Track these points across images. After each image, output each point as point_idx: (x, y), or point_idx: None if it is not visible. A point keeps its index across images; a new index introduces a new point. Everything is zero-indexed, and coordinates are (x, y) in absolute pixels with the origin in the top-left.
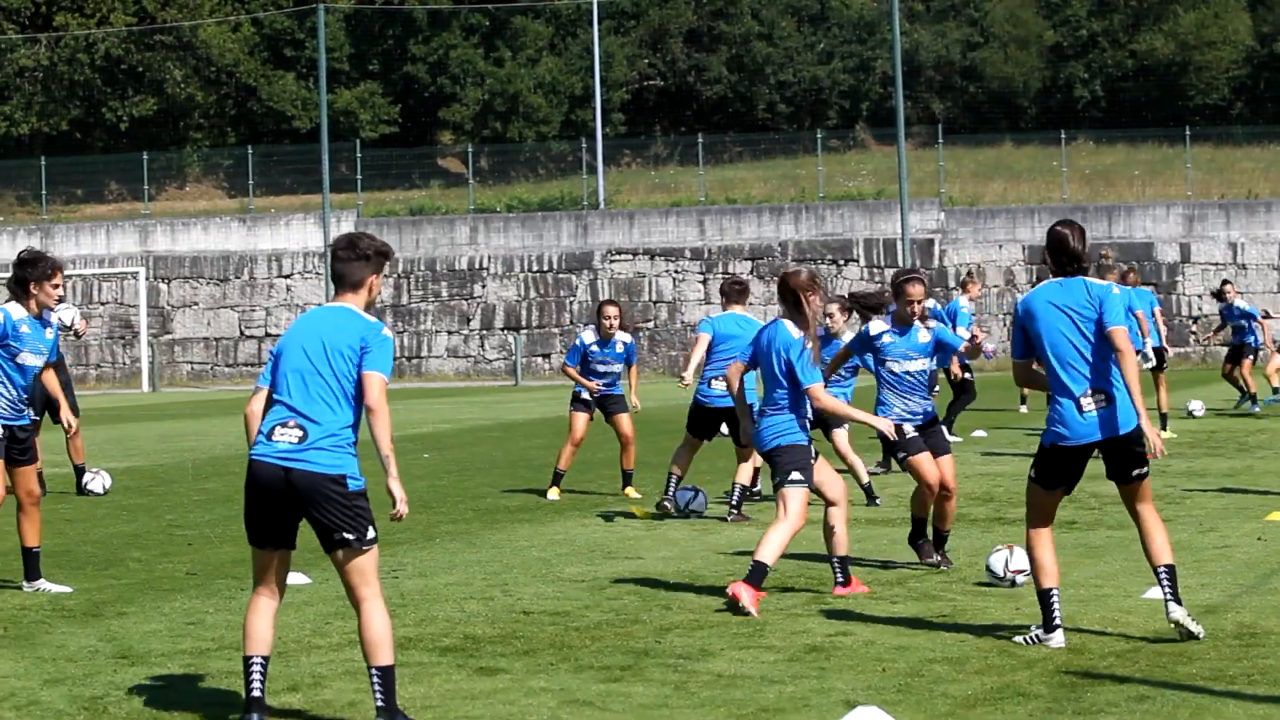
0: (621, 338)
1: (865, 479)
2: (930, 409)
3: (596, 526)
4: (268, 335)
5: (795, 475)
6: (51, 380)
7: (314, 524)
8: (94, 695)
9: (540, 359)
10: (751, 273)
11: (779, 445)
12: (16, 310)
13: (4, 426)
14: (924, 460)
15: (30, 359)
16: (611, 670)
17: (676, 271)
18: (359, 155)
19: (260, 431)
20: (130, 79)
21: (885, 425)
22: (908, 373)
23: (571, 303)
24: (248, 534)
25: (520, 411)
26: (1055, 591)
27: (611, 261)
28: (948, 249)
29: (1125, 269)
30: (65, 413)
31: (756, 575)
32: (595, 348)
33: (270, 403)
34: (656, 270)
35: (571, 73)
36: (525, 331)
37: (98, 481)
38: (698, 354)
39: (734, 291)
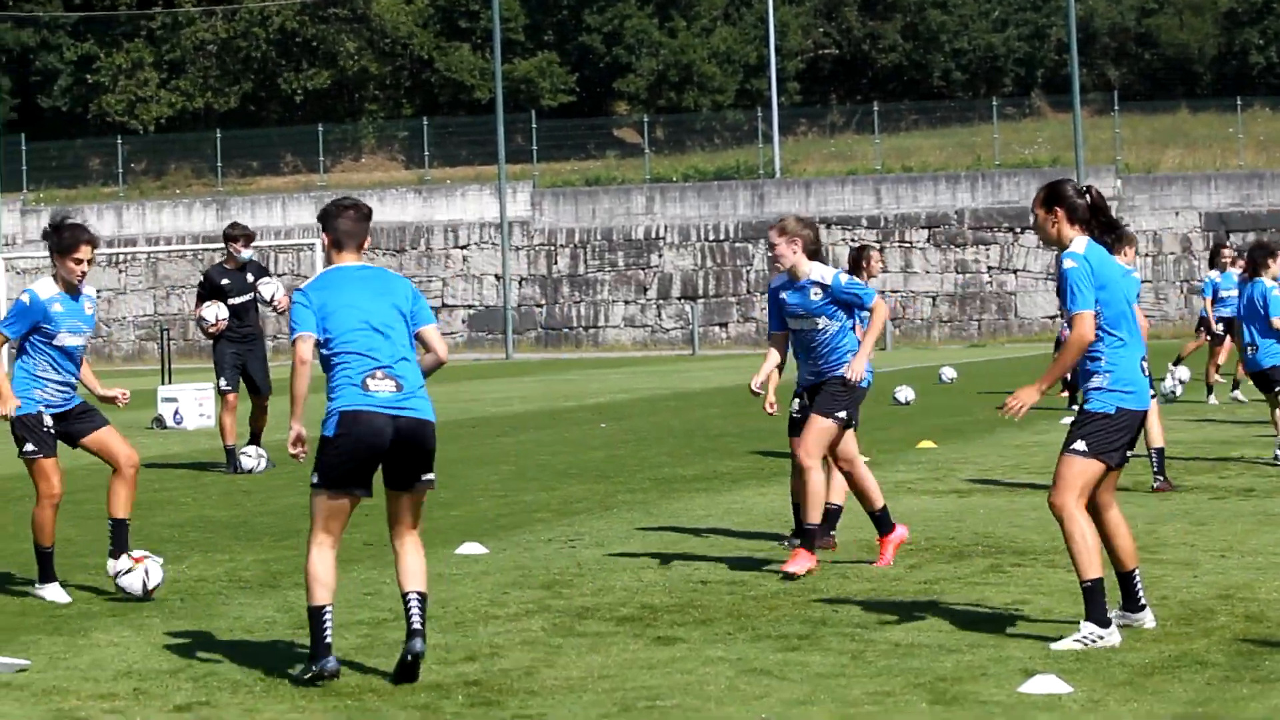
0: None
1: None
2: None
3: (774, 495)
4: (444, 306)
5: None
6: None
7: (403, 466)
8: (271, 665)
9: (717, 328)
10: (928, 241)
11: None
12: (46, 288)
13: (55, 415)
14: None
15: (70, 339)
16: (789, 639)
17: (853, 240)
18: (534, 126)
19: (348, 383)
20: (304, 52)
21: None
22: None
23: (748, 272)
24: (336, 483)
25: (697, 381)
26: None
27: None
28: (1124, 216)
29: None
30: (101, 388)
31: None
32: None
33: (338, 356)
34: (833, 239)
35: (746, 42)
36: (702, 301)
37: (251, 461)
38: None
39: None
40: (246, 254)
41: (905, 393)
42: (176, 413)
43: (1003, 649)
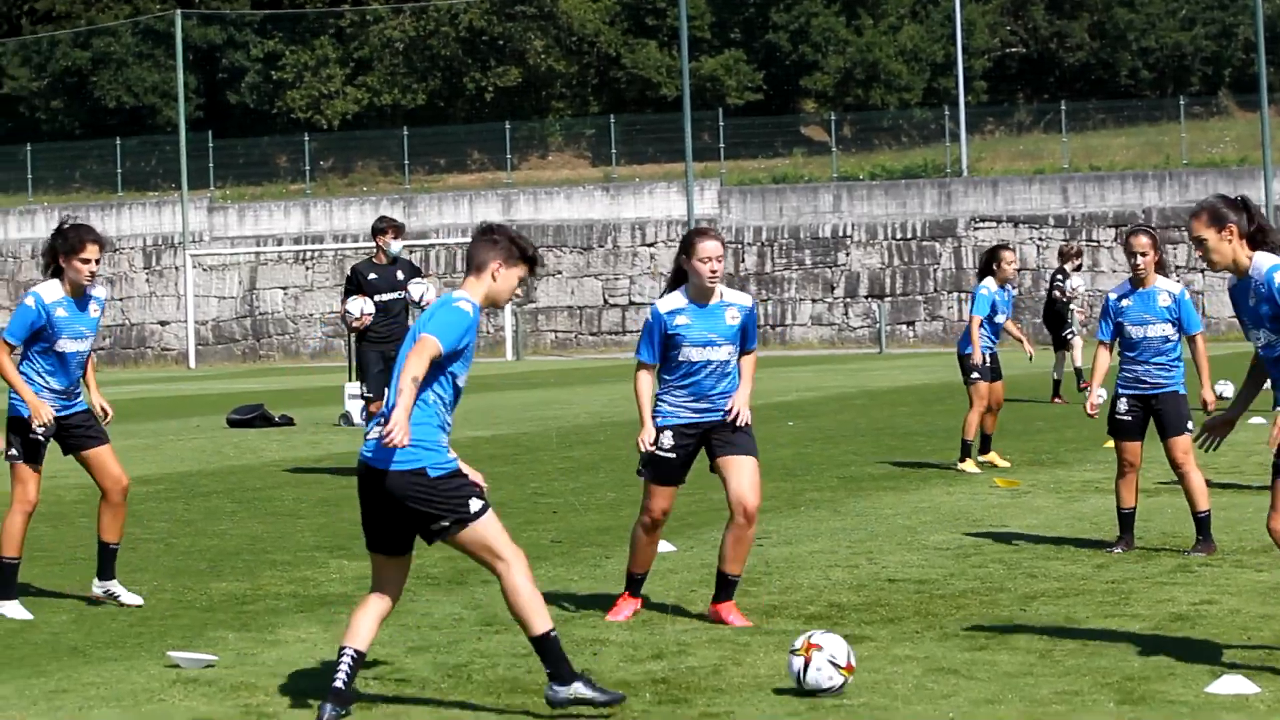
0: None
1: None
2: None
3: (961, 494)
4: (631, 304)
5: None
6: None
7: (410, 521)
8: (458, 663)
9: (904, 326)
10: (1115, 240)
11: None
12: (51, 291)
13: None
14: None
15: (71, 345)
16: (977, 638)
17: (1040, 239)
18: (721, 124)
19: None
20: (492, 50)
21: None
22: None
23: (935, 270)
24: (367, 536)
25: (885, 379)
26: None
27: (975, 229)
28: None
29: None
30: (97, 398)
31: None
32: (999, 296)
33: None
34: (1020, 237)
35: (933, 40)
36: (889, 299)
37: None
38: None
39: None
40: (396, 247)
41: (1226, 388)
42: (364, 409)
43: (1190, 649)
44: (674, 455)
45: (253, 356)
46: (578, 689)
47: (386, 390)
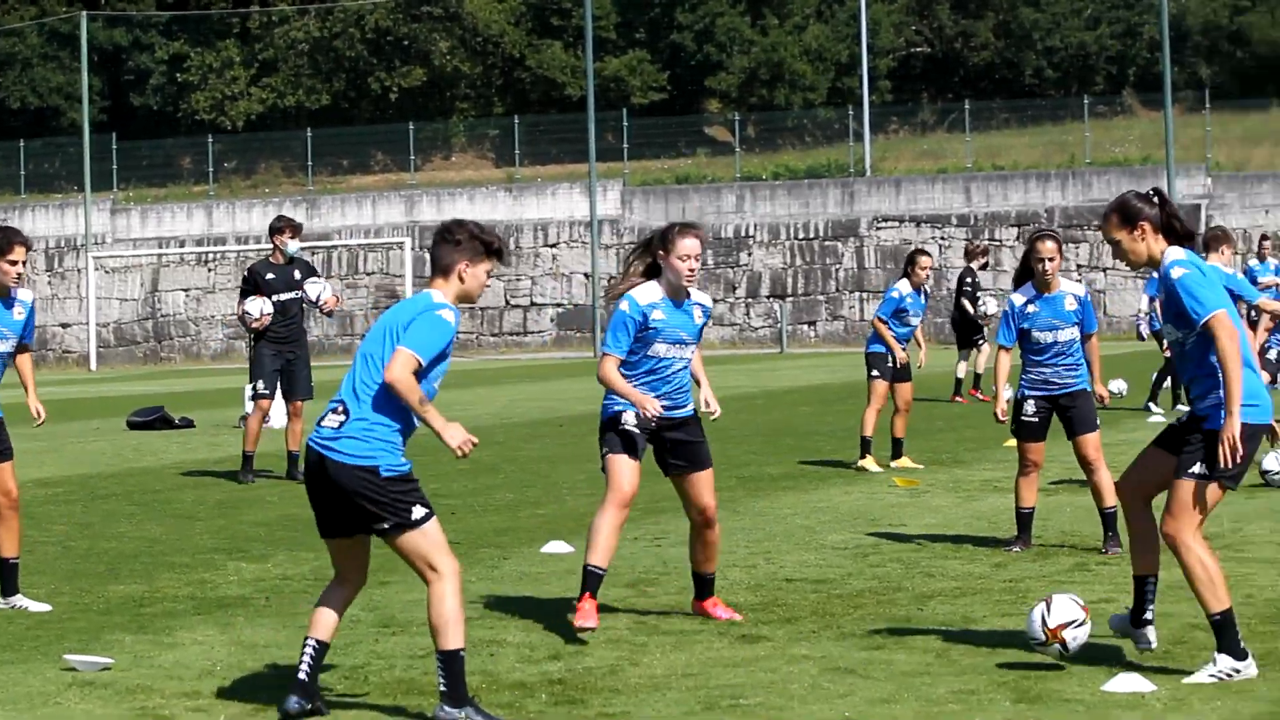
0: (925, 289)
1: None
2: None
3: (860, 494)
4: (533, 304)
5: None
6: (24, 364)
7: (332, 509)
8: (355, 664)
9: (806, 326)
10: (1018, 239)
11: None
12: None
13: None
14: None
15: None
16: (873, 638)
17: (943, 238)
18: (626, 124)
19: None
20: (397, 51)
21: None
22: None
23: (838, 270)
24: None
25: (786, 379)
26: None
27: (878, 229)
28: (1215, 214)
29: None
30: (33, 400)
31: None
32: (910, 299)
33: None
34: (923, 237)
35: (838, 40)
36: (791, 299)
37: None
38: None
39: None
40: (293, 247)
41: (1119, 385)
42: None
43: (1087, 648)
44: (638, 430)
45: (154, 358)
46: (469, 714)
47: (298, 384)
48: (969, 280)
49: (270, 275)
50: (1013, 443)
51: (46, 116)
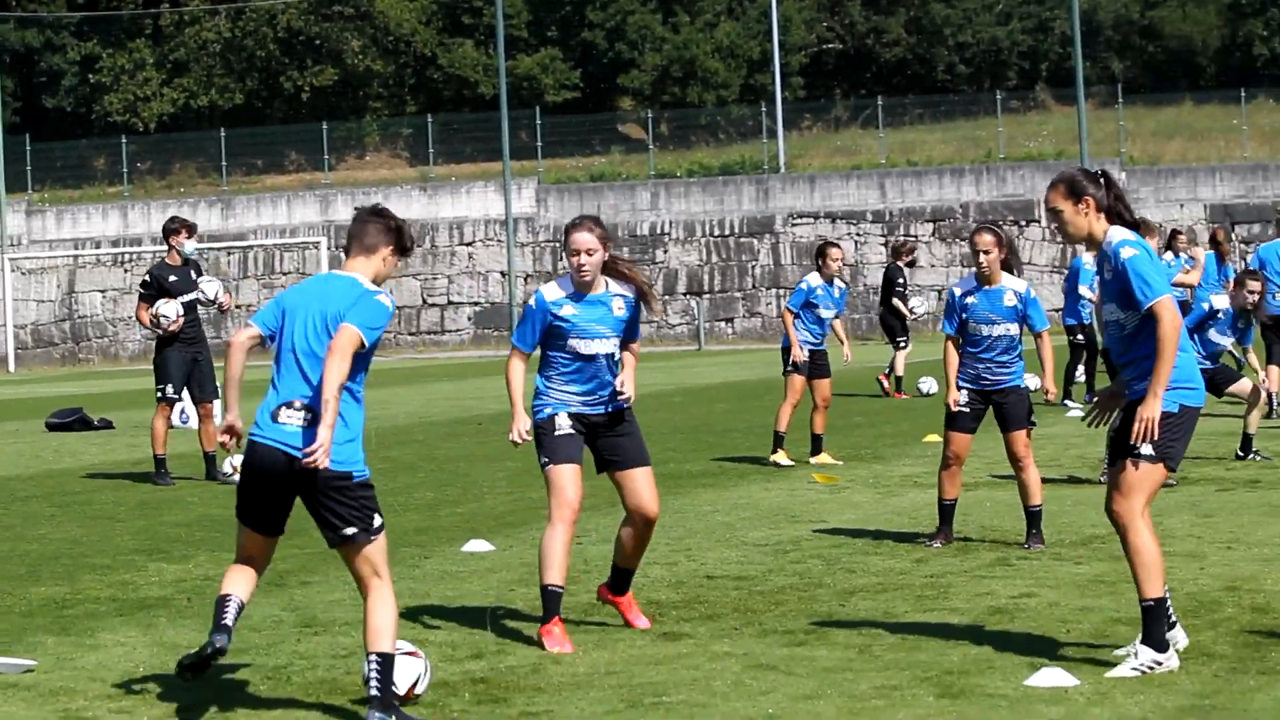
0: (838, 283)
1: None
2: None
3: (780, 490)
4: (450, 303)
5: None
6: None
7: (315, 516)
8: (277, 665)
9: (723, 323)
10: (933, 235)
11: None
12: None
13: None
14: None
15: None
16: (795, 634)
17: (858, 234)
18: (539, 122)
19: (265, 407)
20: (308, 50)
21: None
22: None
23: (754, 267)
24: (241, 514)
25: (703, 376)
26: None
27: (793, 225)
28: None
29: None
30: None
31: None
32: (820, 291)
33: (274, 370)
34: (838, 233)
35: (750, 37)
36: (708, 296)
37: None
38: None
39: None
40: (189, 248)
41: (929, 384)
42: (183, 412)
43: (1009, 642)
44: (573, 432)
45: (72, 360)
46: (397, 718)
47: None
48: (900, 280)
49: (173, 277)
50: (934, 438)
51: None
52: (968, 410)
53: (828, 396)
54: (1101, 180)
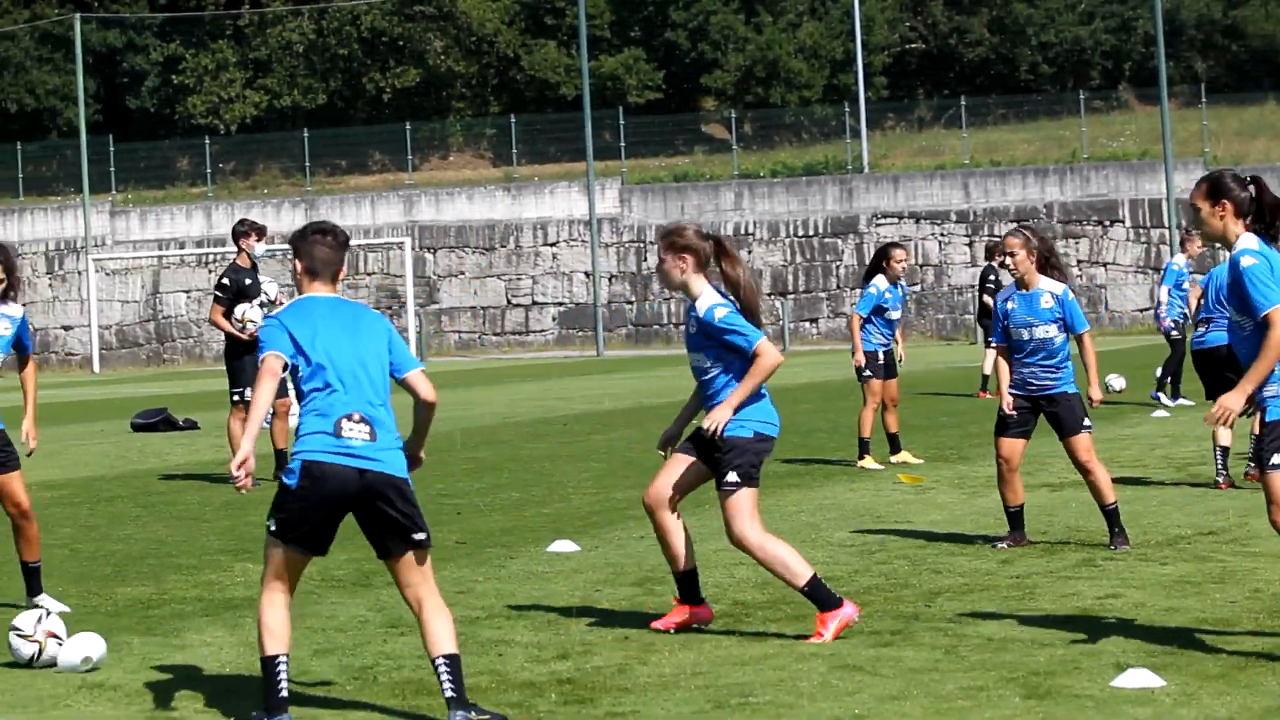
0: (902, 284)
1: None
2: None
3: (865, 491)
4: (534, 303)
5: None
6: (28, 379)
7: (377, 528)
8: (364, 665)
9: (807, 324)
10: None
11: None
12: None
13: None
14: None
15: None
16: (881, 635)
17: (942, 234)
18: (622, 123)
19: (317, 427)
20: (391, 50)
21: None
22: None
23: (838, 267)
24: (291, 539)
25: (788, 377)
26: None
27: (877, 225)
28: None
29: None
30: (27, 423)
31: None
32: (889, 294)
33: (312, 392)
34: (922, 233)
35: (832, 37)
36: (792, 297)
37: None
38: None
39: None
40: (260, 250)
41: (1119, 381)
42: (271, 412)
43: (1095, 643)
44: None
45: (156, 360)
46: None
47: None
48: (991, 277)
49: (249, 281)
50: None
51: (43, 119)
52: (1013, 414)
53: (896, 396)
54: (1250, 186)
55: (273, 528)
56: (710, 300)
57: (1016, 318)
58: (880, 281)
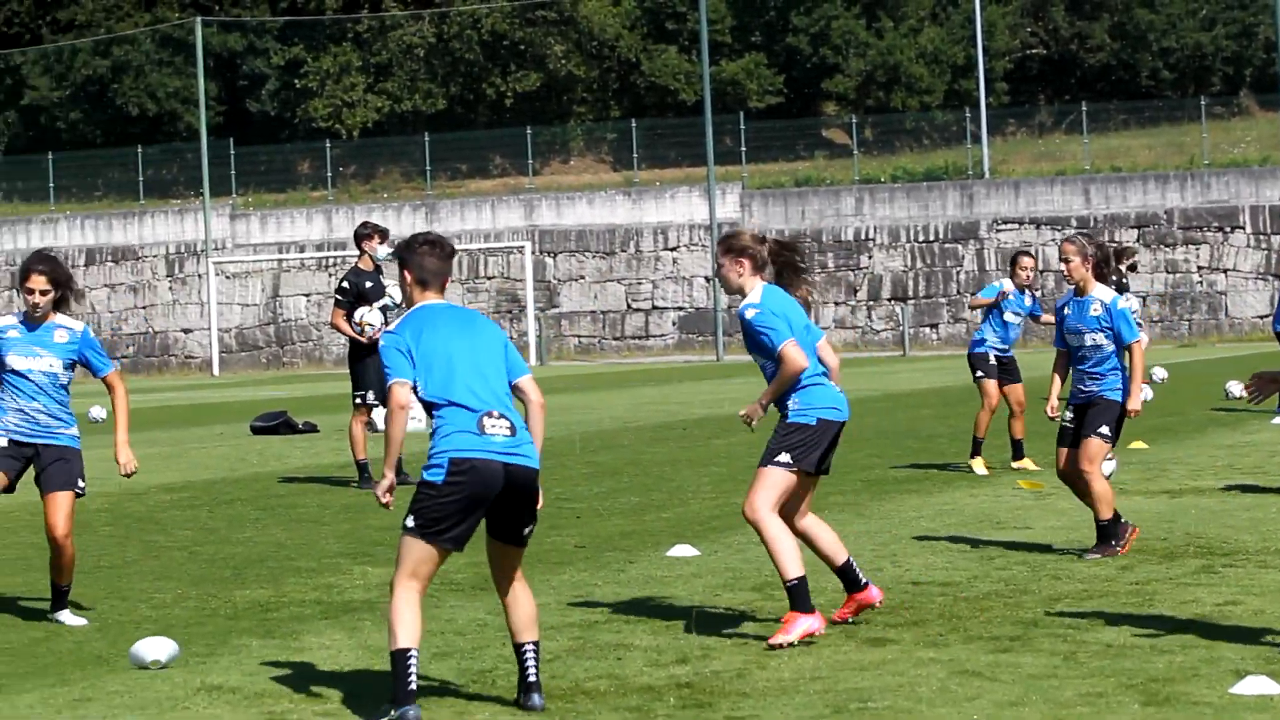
0: (1030, 292)
1: None
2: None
3: (985, 496)
4: (654, 308)
5: None
6: (116, 399)
7: (513, 518)
8: (482, 669)
9: (927, 329)
10: (1137, 240)
11: None
12: (7, 317)
13: (25, 444)
14: None
15: (21, 363)
16: (1001, 640)
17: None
18: (743, 127)
19: (460, 427)
20: (512, 55)
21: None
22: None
23: (958, 272)
24: (436, 534)
25: (907, 382)
26: None
27: (997, 231)
28: None
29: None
30: (122, 448)
31: None
32: (1011, 296)
33: (443, 400)
34: (1042, 239)
35: (953, 42)
36: (912, 302)
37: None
38: None
39: None
40: (383, 253)
41: (1160, 373)
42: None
43: (1215, 650)
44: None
45: (276, 363)
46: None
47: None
48: (1114, 281)
49: (369, 284)
50: (1140, 444)
51: (163, 122)
52: (1070, 425)
53: (1022, 401)
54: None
55: (411, 524)
56: (751, 299)
57: (1070, 324)
58: (1006, 284)
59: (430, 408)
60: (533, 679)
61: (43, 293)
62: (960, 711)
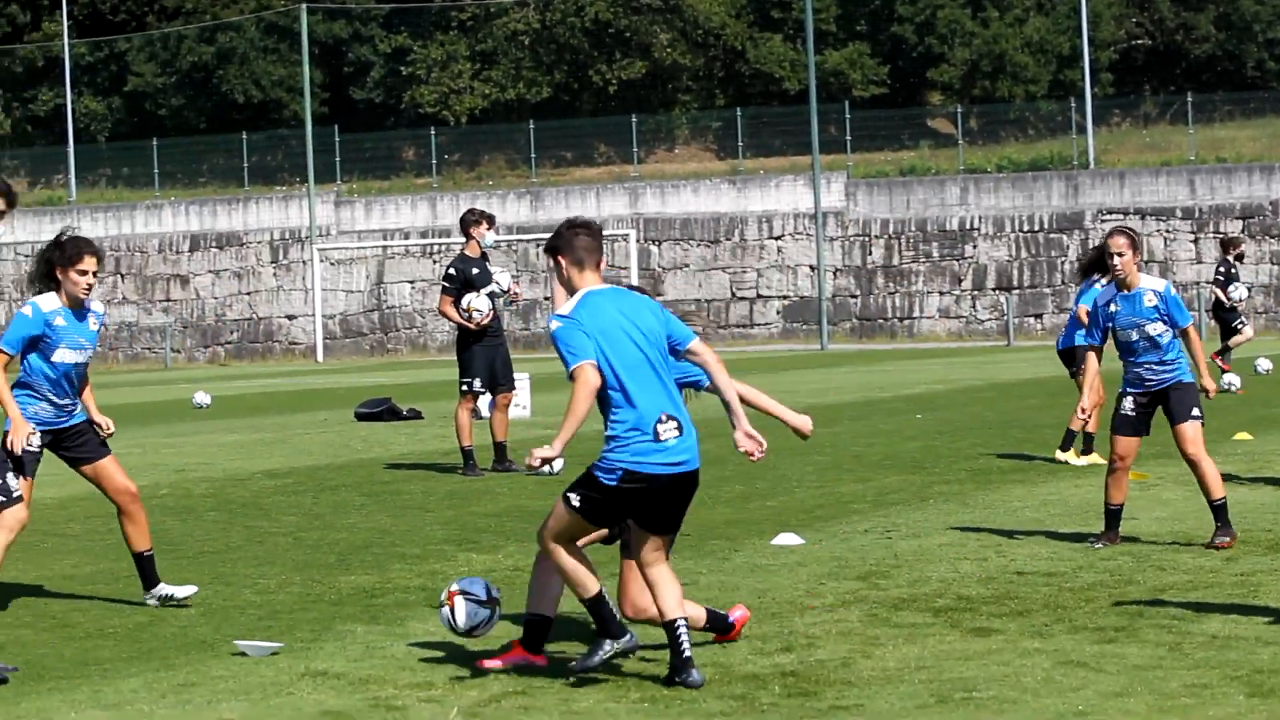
0: None
1: None
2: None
3: (1090, 487)
4: (759, 297)
5: None
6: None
7: (671, 514)
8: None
9: (1032, 319)
10: (1243, 231)
11: None
12: (49, 301)
13: (46, 432)
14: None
15: (69, 355)
16: (1106, 631)
17: (1167, 231)
18: (848, 116)
19: (637, 434)
20: (617, 43)
21: None
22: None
23: (1063, 263)
24: (597, 521)
25: (1012, 372)
26: None
27: (1102, 221)
28: None
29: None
30: (95, 414)
31: None
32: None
33: (619, 393)
34: (1147, 230)
35: (1059, 32)
36: (1017, 292)
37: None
38: None
39: None
40: (490, 239)
41: (1265, 364)
42: (492, 403)
43: None
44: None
45: (380, 350)
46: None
47: (501, 375)
48: (1221, 270)
49: (476, 270)
50: (1244, 435)
51: (268, 109)
52: (1134, 414)
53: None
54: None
55: (576, 504)
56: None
57: (1122, 320)
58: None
59: (604, 401)
60: (687, 654)
61: (95, 273)
62: (1065, 702)
